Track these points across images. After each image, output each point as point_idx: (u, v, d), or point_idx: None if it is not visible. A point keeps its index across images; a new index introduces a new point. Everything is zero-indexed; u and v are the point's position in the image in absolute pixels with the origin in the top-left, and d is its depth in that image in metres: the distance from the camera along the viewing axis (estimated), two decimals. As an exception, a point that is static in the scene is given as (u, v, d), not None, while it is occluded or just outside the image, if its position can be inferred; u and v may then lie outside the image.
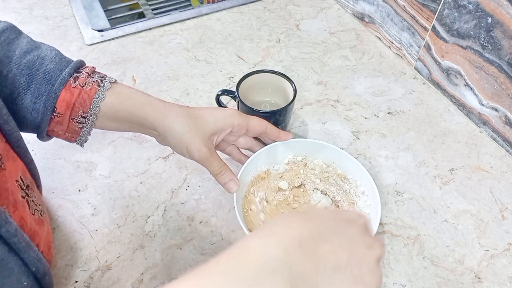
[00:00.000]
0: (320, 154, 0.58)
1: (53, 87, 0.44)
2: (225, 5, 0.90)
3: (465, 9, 0.63)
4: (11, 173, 0.40)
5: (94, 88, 0.46)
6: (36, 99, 0.44)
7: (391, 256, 0.52)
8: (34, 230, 0.42)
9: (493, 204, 0.58)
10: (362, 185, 0.55)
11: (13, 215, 0.38)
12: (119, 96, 0.47)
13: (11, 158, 0.42)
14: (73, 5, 0.89)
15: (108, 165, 0.61)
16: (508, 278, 0.51)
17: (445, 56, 0.70)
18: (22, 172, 0.44)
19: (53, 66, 0.45)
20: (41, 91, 0.44)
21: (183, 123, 0.48)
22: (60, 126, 0.47)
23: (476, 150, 0.65)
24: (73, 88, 0.45)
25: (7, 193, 0.38)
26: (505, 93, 0.61)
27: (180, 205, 0.57)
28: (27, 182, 0.44)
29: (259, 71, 0.62)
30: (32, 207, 0.44)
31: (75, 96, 0.45)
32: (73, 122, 0.47)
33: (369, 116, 0.70)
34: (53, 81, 0.45)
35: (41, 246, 0.43)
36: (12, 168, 0.41)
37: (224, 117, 0.51)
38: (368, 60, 0.80)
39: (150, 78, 0.74)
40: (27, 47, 0.46)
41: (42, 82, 0.44)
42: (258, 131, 0.54)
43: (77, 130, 0.48)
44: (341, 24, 0.88)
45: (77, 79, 0.46)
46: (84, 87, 0.46)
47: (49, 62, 0.45)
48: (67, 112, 0.46)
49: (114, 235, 0.53)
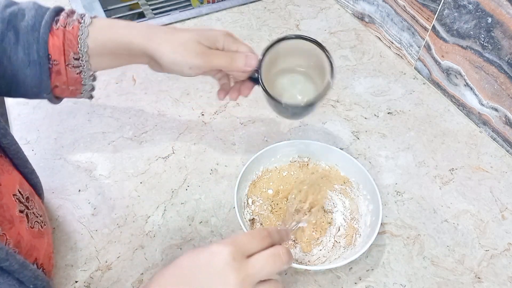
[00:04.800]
0: (324, 156, 0.58)
1: (39, 33, 0.44)
2: (225, 5, 0.90)
3: (465, 9, 0.63)
4: (7, 187, 0.40)
5: (76, 26, 0.46)
6: (28, 50, 0.44)
7: (391, 256, 0.52)
8: (32, 244, 0.41)
9: (493, 204, 0.58)
10: (364, 189, 0.55)
11: (9, 232, 0.37)
12: (101, 29, 0.47)
13: (6, 171, 0.41)
14: (73, 5, 0.89)
15: (108, 165, 0.61)
16: (508, 278, 0.51)
17: (445, 56, 0.70)
18: (19, 184, 0.43)
19: (34, 13, 0.45)
20: (29, 40, 0.44)
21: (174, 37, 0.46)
22: (60, 77, 0.47)
23: (476, 150, 0.65)
24: (57, 31, 0.45)
25: (2, 210, 0.37)
26: (505, 93, 0.61)
27: (180, 205, 0.57)
28: (26, 194, 0.44)
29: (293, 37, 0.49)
30: (32, 220, 0.43)
31: (61, 38, 0.45)
32: (69, 68, 0.47)
33: (369, 116, 0.70)
34: (37, 27, 0.45)
35: (41, 259, 0.43)
36: (9, 182, 0.41)
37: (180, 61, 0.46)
38: (368, 60, 0.80)
39: (150, 78, 0.74)
40: (5, 2, 0.46)
41: (27, 31, 0.44)
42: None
43: (77, 77, 0.48)
44: (341, 24, 0.88)
45: (57, 22, 0.46)
46: (66, 27, 0.46)
47: (29, 10, 0.46)
48: (61, 57, 0.46)
49: (114, 235, 0.53)
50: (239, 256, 0.35)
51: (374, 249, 0.53)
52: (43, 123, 0.65)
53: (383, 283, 0.50)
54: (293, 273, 0.50)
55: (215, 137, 0.65)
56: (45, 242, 0.45)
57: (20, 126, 0.65)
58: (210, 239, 0.53)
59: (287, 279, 0.50)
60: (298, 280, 0.50)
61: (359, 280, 0.50)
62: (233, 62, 0.47)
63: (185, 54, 0.45)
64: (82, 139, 0.64)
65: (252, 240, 0.36)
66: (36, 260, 0.41)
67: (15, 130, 0.64)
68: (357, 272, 0.51)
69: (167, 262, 0.51)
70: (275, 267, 0.36)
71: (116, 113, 0.68)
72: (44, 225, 0.46)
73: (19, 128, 0.64)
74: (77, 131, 0.64)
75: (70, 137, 0.64)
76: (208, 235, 0.53)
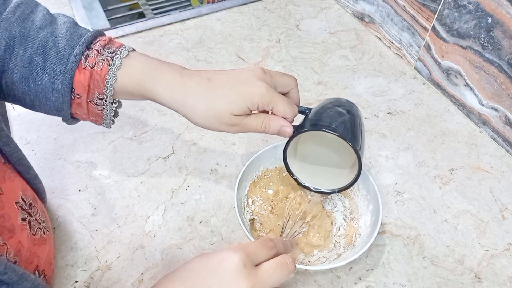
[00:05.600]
0: None
1: (66, 67, 0.43)
2: (225, 5, 0.90)
3: (465, 9, 0.63)
4: (10, 195, 0.40)
5: (105, 69, 0.43)
6: (53, 79, 0.43)
7: (391, 256, 0.52)
8: (33, 252, 0.41)
9: (493, 204, 0.58)
10: (364, 189, 0.55)
11: (9, 241, 0.37)
12: (130, 76, 0.44)
13: (9, 179, 0.41)
14: (73, 5, 0.89)
15: (108, 165, 0.61)
16: (508, 278, 0.51)
17: (445, 56, 0.70)
18: (22, 190, 0.43)
19: (64, 43, 0.43)
20: (56, 71, 0.43)
21: (204, 108, 0.43)
22: (81, 108, 0.45)
23: (476, 150, 0.65)
24: (84, 70, 0.43)
25: (3, 220, 0.37)
26: (505, 93, 0.61)
27: (180, 205, 0.57)
28: (29, 200, 0.44)
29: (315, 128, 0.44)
30: (34, 227, 0.43)
31: (87, 77, 0.43)
32: (91, 104, 0.45)
33: (369, 116, 0.70)
34: (66, 61, 0.43)
35: (41, 265, 0.42)
36: (11, 189, 0.41)
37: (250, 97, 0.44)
38: (368, 60, 0.80)
39: (150, 78, 0.74)
40: (41, 23, 0.44)
41: (55, 62, 0.43)
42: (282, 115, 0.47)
43: (98, 113, 0.46)
44: (341, 24, 0.88)
45: (87, 58, 0.43)
46: (94, 68, 0.43)
47: (61, 39, 0.43)
48: (84, 93, 0.44)
49: (114, 235, 0.53)
50: (249, 263, 0.35)
51: (374, 249, 0.53)
52: (43, 123, 0.65)
53: (383, 283, 0.50)
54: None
55: (215, 137, 0.65)
56: (46, 248, 0.45)
57: (20, 126, 0.65)
58: (210, 239, 0.53)
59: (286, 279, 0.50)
60: (298, 280, 0.50)
61: (359, 280, 0.50)
62: (266, 130, 0.45)
63: (217, 125, 0.44)
64: (82, 139, 0.64)
65: (260, 249, 0.37)
66: (37, 268, 0.41)
67: (15, 130, 0.64)
68: (357, 272, 0.51)
69: (167, 262, 0.51)
70: (283, 275, 0.36)
71: (116, 113, 0.68)
72: (46, 231, 0.46)
73: (19, 128, 0.64)
74: (77, 131, 0.64)
75: (70, 137, 0.64)
76: (208, 235, 0.53)
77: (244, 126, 0.45)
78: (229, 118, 0.43)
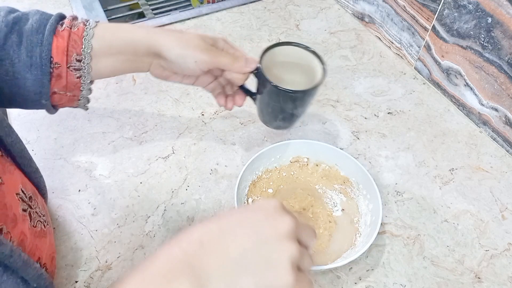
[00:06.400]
0: (324, 156, 0.58)
1: (43, 36, 0.45)
2: (225, 5, 0.90)
3: (465, 9, 0.63)
4: (10, 186, 0.40)
5: (81, 28, 0.47)
6: (30, 52, 0.44)
7: (391, 256, 0.52)
8: (35, 244, 0.41)
9: (493, 204, 0.58)
10: (364, 189, 0.55)
11: (13, 231, 0.37)
12: (107, 29, 0.48)
13: (8, 171, 0.41)
14: (73, 5, 0.89)
15: (108, 165, 0.61)
16: (508, 278, 0.51)
17: (445, 56, 0.70)
18: (22, 183, 0.43)
19: (38, 17, 0.46)
20: (33, 42, 0.45)
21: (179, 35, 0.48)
22: (60, 81, 0.47)
23: (476, 150, 0.65)
24: (62, 32, 0.46)
25: (5, 209, 0.37)
26: (505, 93, 0.61)
27: (180, 205, 0.57)
28: (29, 193, 0.44)
29: (286, 43, 0.53)
30: (35, 219, 0.43)
31: (66, 39, 0.46)
32: (70, 71, 0.47)
33: (369, 116, 0.70)
34: (42, 29, 0.45)
35: (44, 258, 0.43)
36: (11, 181, 0.41)
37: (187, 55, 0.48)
38: (368, 60, 0.80)
39: (150, 78, 0.74)
40: (10, 9, 0.47)
41: (31, 33, 0.45)
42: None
43: (76, 81, 0.48)
44: (341, 24, 0.88)
45: (63, 24, 0.47)
46: (71, 29, 0.46)
47: (33, 15, 0.46)
48: (63, 59, 0.46)
49: (114, 235, 0.53)
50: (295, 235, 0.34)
51: (374, 249, 0.53)
52: (43, 123, 0.65)
53: (383, 283, 0.50)
54: (293, 273, 0.50)
55: (215, 137, 0.65)
56: (47, 242, 0.45)
57: (20, 126, 0.65)
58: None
59: None
60: (298, 280, 0.50)
61: (359, 280, 0.50)
62: (235, 62, 0.49)
63: (191, 48, 0.47)
64: (82, 139, 0.64)
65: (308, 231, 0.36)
66: (39, 260, 0.41)
67: (15, 130, 0.64)
68: (357, 272, 0.51)
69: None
70: (312, 236, 0.36)
71: (116, 113, 0.68)
72: (47, 224, 0.46)
73: (19, 128, 0.64)
74: (77, 131, 0.64)
75: (70, 137, 0.64)
76: (208, 235, 0.53)
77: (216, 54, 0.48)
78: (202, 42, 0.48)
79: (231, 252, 0.32)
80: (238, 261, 0.32)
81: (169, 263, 0.31)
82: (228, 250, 0.32)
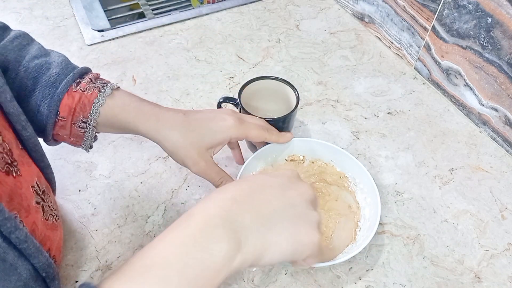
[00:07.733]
0: (320, 153, 0.58)
1: (56, 90, 0.46)
2: (225, 5, 0.90)
3: (465, 9, 0.63)
4: (27, 178, 0.41)
5: (95, 94, 0.47)
6: (40, 102, 0.46)
7: (391, 256, 0.52)
8: (46, 235, 0.42)
9: (493, 204, 0.58)
10: (361, 183, 0.55)
11: (25, 220, 0.38)
12: (113, 108, 0.48)
13: (26, 163, 0.42)
14: (73, 5, 0.89)
15: (108, 165, 0.61)
16: (508, 278, 0.51)
17: (445, 56, 0.70)
18: (37, 177, 0.44)
19: (59, 70, 0.47)
20: (45, 94, 0.46)
21: (178, 137, 0.48)
22: (64, 130, 0.48)
23: (476, 150, 0.65)
24: (74, 93, 0.47)
25: (20, 199, 0.38)
26: (505, 93, 0.61)
27: (180, 205, 0.57)
28: (43, 187, 0.45)
29: (261, 78, 0.59)
30: (47, 212, 0.44)
31: (76, 100, 0.47)
32: (75, 126, 0.48)
33: (369, 116, 0.70)
34: (57, 85, 0.46)
35: (53, 251, 0.43)
36: (28, 173, 0.42)
37: (221, 131, 0.49)
38: (368, 60, 0.80)
39: (150, 78, 0.74)
40: (36, 52, 0.47)
41: (46, 85, 0.46)
42: (258, 140, 0.54)
43: (80, 134, 0.49)
44: (341, 24, 0.88)
45: (79, 84, 0.47)
46: (85, 92, 0.47)
47: (55, 67, 0.47)
48: (69, 116, 0.47)
49: (114, 235, 0.53)
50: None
51: (373, 249, 0.53)
52: (43, 123, 0.65)
53: (383, 283, 0.50)
54: (293, 273, 0.50)
55: (215, 137, 0.65)
56: (58, 234, 0.46)
57: (20, 126, 0.65)
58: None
59: (286, 279, 0.50)
60: (298, 280, 0.50)
61: (359, 280, 0.50)
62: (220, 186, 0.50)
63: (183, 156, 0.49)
64: (82, 139, 0.64)
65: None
66: (49, 251, 0.42)
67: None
68: (357, 272, 0.51)
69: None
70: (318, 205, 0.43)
71: (116, 113, 0.68)
72: (58, 218, 0.47)
73: (19, 128, 0.64)
74: (77, 131, 0.64)
75: (70, 137, 0.64)
76: (208, 235, 0.53)
77: (207, 168, 0.49)
78: (198, 151, 0.48)
79: (263, 210, 0.36)
80: (270, 218, 0.36)
81: (206, 218, 0.34)
82: (261, 207, 0.36)
